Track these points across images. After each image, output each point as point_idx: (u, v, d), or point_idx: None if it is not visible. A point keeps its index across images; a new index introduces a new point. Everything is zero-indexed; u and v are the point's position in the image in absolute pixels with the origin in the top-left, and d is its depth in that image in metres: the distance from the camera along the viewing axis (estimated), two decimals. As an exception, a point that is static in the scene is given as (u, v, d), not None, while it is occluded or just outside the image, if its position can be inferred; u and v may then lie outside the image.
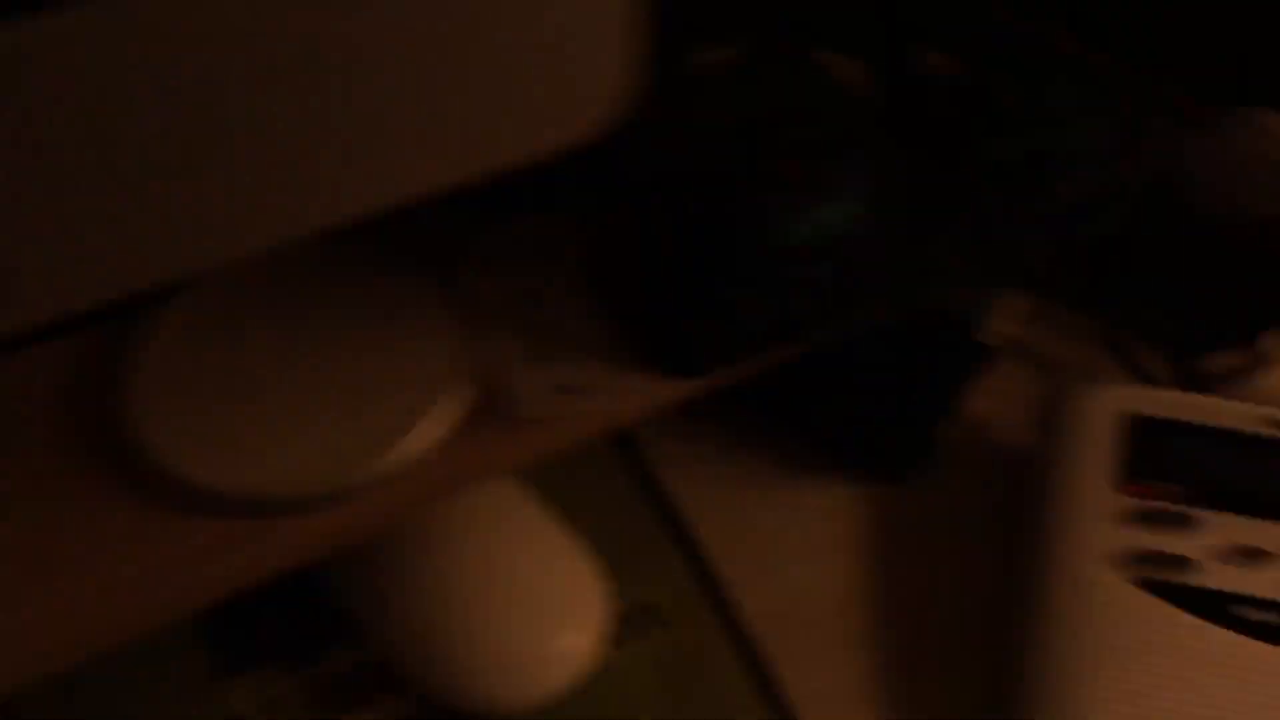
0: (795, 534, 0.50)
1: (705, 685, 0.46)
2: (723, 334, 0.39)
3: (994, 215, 0.41)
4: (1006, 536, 0.49)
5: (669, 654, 0.46)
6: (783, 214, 0.36)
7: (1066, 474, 0.46)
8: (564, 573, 0.45)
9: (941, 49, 0.43)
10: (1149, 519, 0.44)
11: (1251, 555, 0.43)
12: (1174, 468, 0.46)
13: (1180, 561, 0.43)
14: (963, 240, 0.40)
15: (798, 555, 0.50)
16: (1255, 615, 0.42)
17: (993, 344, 0.47)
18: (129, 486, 0.39)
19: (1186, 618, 0.42)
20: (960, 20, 0.45)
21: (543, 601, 0.44)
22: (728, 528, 0.50)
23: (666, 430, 0.53)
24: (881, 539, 0.50)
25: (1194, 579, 0.43)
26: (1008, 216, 0.41)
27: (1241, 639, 0.42)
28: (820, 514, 0.51)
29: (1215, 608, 0.42)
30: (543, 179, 0.39)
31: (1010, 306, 0.57)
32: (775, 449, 0.53)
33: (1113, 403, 0.47)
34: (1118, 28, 0.51)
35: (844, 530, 0.50)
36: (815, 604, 0.48)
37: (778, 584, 0.49)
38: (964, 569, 0.49)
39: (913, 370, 0.47)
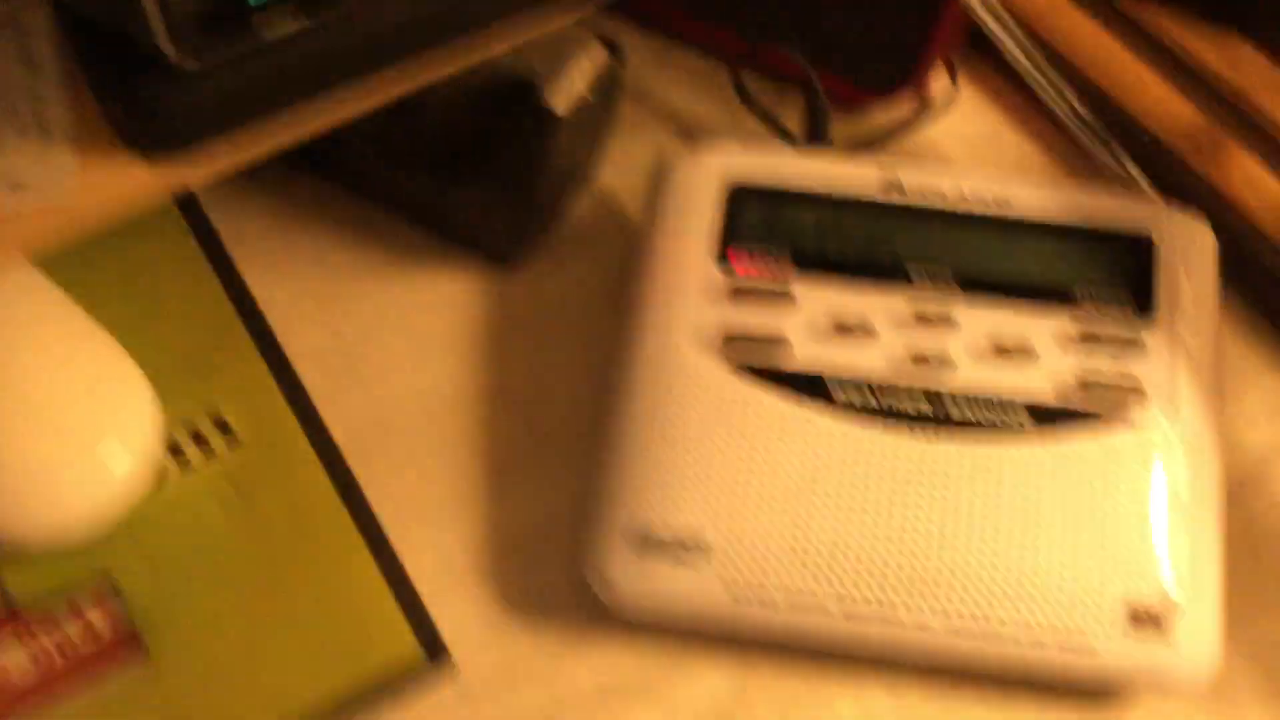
0: (398, 334, 0.45)
1: (283, 509, 0.41)
2: (197, 100, 0.33)
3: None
4: (617, 322, 0.45)
5: (242, 475, 0.41)
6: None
7: (662, 249, 0.41)
8: (101, 380, 0.39)
9: None
10: (748, 295, 0.40)
11: (850, 330, 0.39)
12: (778, 238, 0.41)
13: (778, 341, 0.39)
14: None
15: (399, 358, 0.44)
16: (852, 397, 0.39)
17: (574, 103, 0.41)
18: None
19: (781, 402, 0.38)
20: None
21: (74, 415, 0.38)
22: (317, 327, 0.44)
23: (246, 211, 0.46)
24: (495, 332, 0.45)
25: (791, 360, 0.39)
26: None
27: (837, 422, 0.38)
28: (427, 308, 0.46)
29: (811, 389, 0.39)
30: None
31: (636, 53, 0.51)
32: (378, 237, 0.47)
33: (715, 168, 0.42)
34: None
35: (453, 326, 0.45)
36: (414, 411, 0.43)
37: (373, 392, 0.44)
38: (578, 360, 0.45)
39: (487, 140, 0.41)
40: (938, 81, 0.51)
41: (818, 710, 0.39)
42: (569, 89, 0.39)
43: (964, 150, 0.50)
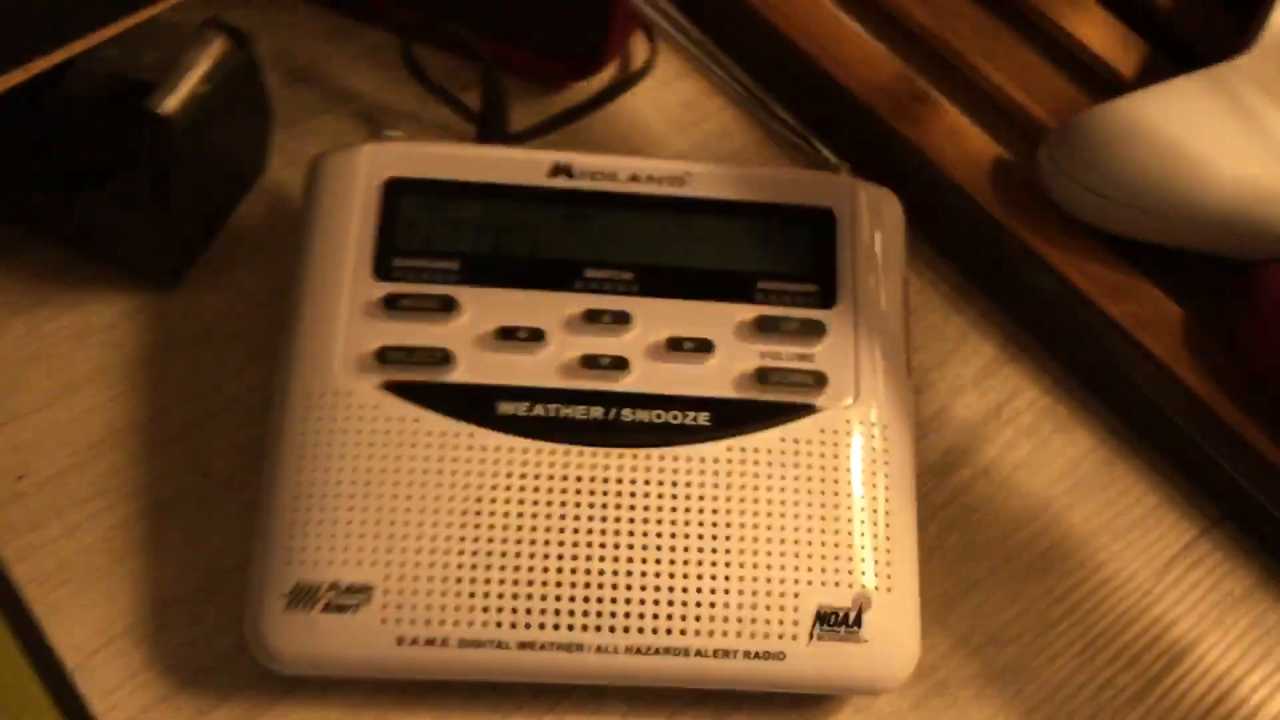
0: (37, 368, 0.40)
1: None
2: None
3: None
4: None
5: None
6: None
7: (312, 258, 0.37)
8: None
9: None
10: (406, 306, 0.36)
11: (518, 336, 0.36)
12: (441, 238, 0.37)
13: (439, 354, 0.36)
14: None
15: (40, 395, 0.39)
16: (517, 409, 0.36)
17: (188, 102, 0.36)
18: None
19: (441, 421, 0.35)
20: None
21: None
22: None
23: None
24: (151, 358, 0.40)
25: (453, 374, 0.36)
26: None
27: (502, 437, 0.35)
28: (71, 337, 0.41)
29: (477, 405, 0.35)
30: None
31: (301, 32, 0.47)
32: (9, 262, 0.41)
33: (370, 164, 0.38)
34: None
35: (102, 354, 0.40)
36: (59, 455, 0.38)
37: (11, 438, 0.38)
38: (247, 381, 0.40)
39: (108, 149, 0.36)
40: (640, 53, 0.49)
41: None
42: (180, 87, 0.35)
43: (664, 120, 0.48)
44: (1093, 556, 0.40)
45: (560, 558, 0.34)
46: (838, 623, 0.34)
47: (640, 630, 0.34)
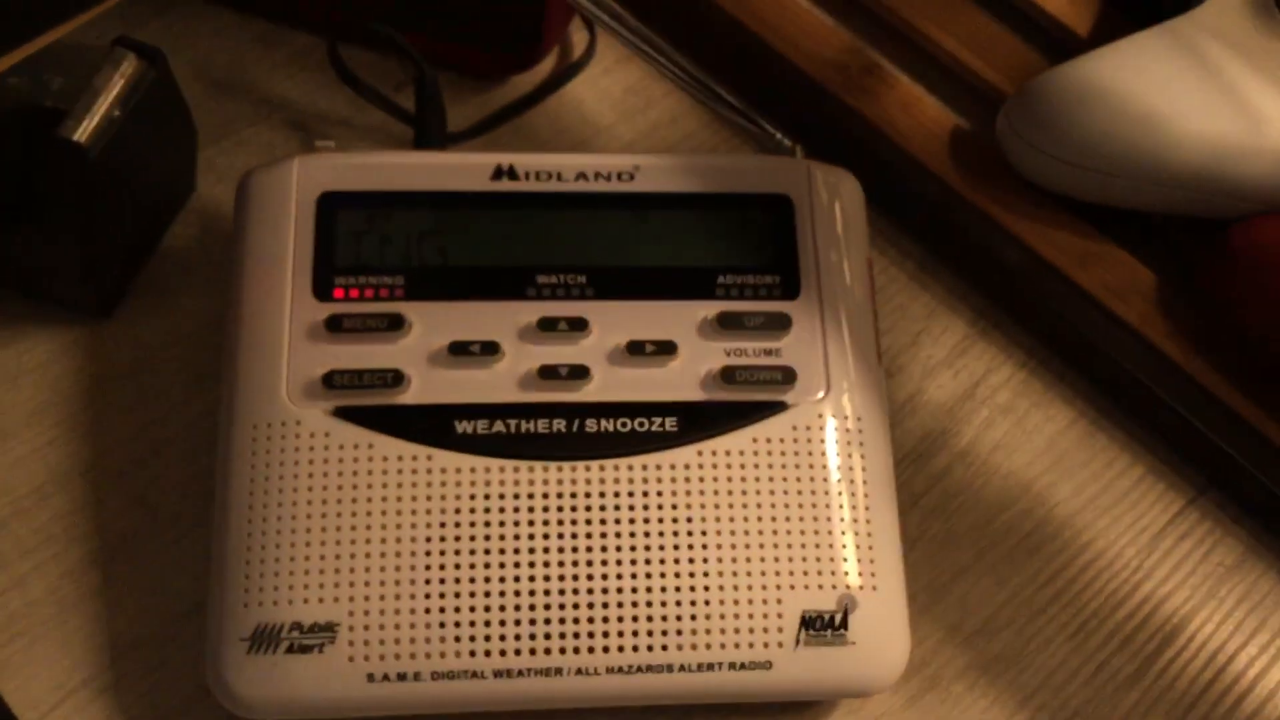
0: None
1: None
2: None
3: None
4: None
5: None
6: None
7: (247, 280, 0.35)
8: None
9: None
10: (351, 326, 0.34)
11: (468, 350, 0.34)
12: (383, 252, 0.36)
13: (389, 375, 0.34)
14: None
15: (-26, 443, 0.38)
16: (476, 426, 0.34)
17: (101, 127, 0.34)
18: None
19: (396, 445, 0.33)
20: None
21: None
22: None
23: None
24: (90, 393, 0.38)
25: (406, 395, 0.34)
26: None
27: (461, 457, 0.34)
28: (6, 380, 0.38)
29: (433, 426, 0.34)
30: None
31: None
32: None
33: (300, 178, 0.36)
34: None
35: (37, 393, 0.38)
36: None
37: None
38: (192, 410, 0.38)
39: (22, 179, 0.34)
40: (579, 41, 0.47)
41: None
42: (91, 112, 0.33)
43: (610, 109, 0.46)
44: (1079, 535, 0.39)
45: (532, 579, 0.33)
46: (823, 626, 0.33)
47: (620, 649, 0.32)
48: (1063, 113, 0.40)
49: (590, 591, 0.33)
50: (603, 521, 0.33)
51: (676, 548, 0.33)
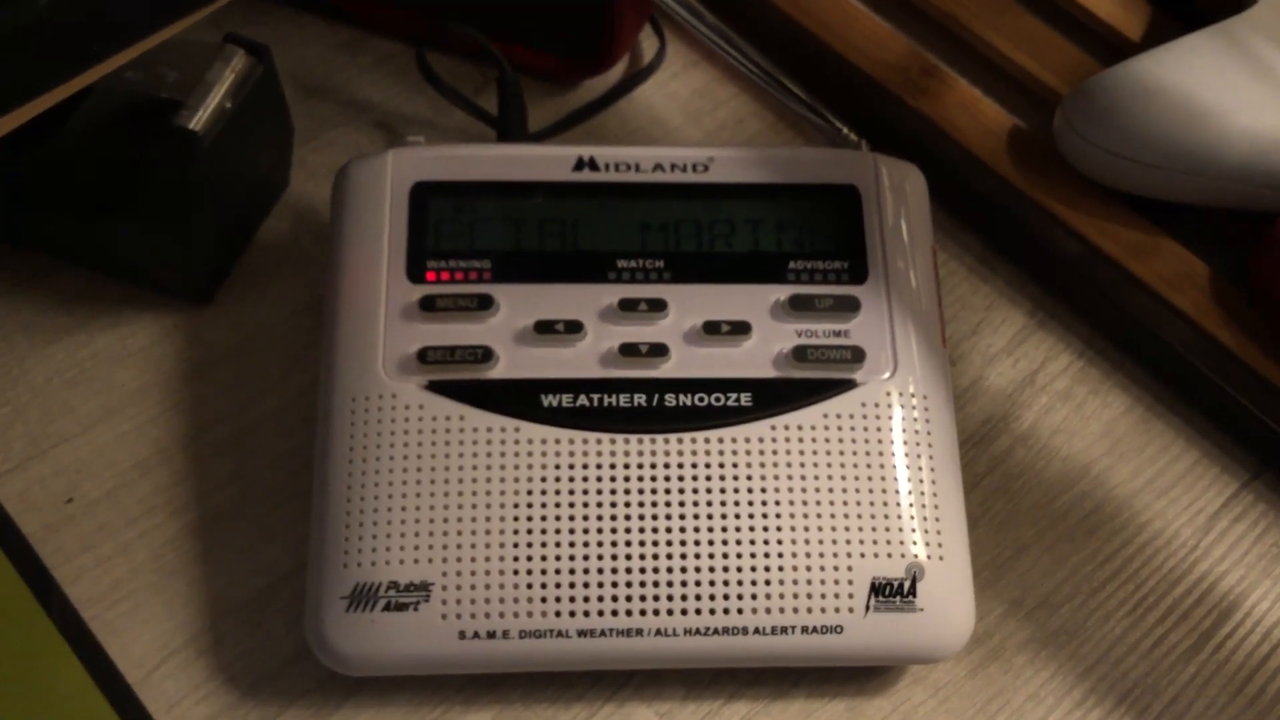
0: (79, 393, 0.40)
1: None
2: None
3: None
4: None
5: None
6: None
7: (345, 265, 0.38)
8: None
9: None
10: (443, 307, 0.37)
11: (553, 329, 0.36)
12: (471, 239, 0.38)
13: (480, 352, 0.36)
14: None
15: (84, 420, 0.40)
16: (561, 400, 0.36)
17: (214, 118, 0.37)
18: None
19: (487, 418, 0.35)
20: None
21: None
22: None
23: None
24: (190, 375, 0.41)
25: (495, 370, 0.36)
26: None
27: (548, 429, 0.35)
28: (110, 359, 0.41)
29: (520, 400, 0.36)
30: None
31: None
32: (44, 289, 0.42)
33: (395, 169, 0.38)
34: None
35: (142, 374, 0.41)
36: (106, 477, 0.39)
37: (58, 463, 0.39)
38: (287, 391, 0.41)
39: (132, 170, 0.36)
40: (649, 46, 0.49)
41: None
42: (205, 104, 0.36)
43: (678, 111, 0.48)
44: (1136, 516, 0.40)
45: (614, 544, 0.34)
46: (892, 593, 0.35)
47: (698, 612, 0.34)
48: (1119, 110, 0.42)
49: (669, 557, 0.34)
50: (680, 491, 0.35)
51: (751, 516, 0.35)
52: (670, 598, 0.34)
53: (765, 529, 0.35)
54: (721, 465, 0.35)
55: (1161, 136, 0.42)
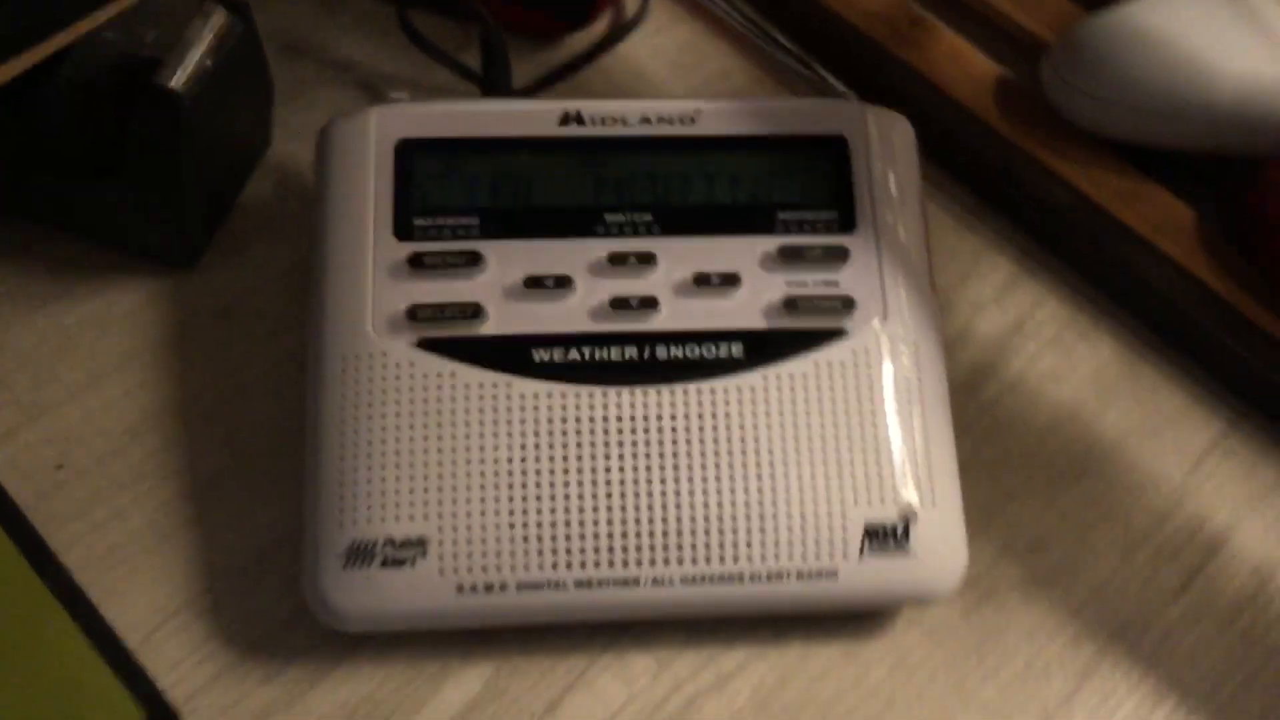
0: (65, 359, 0.40)
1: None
2: None
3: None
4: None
5: None
6: None
7: (330, 224, 0.37)
8: None
9: None
10: (431, 264, 0.36)
11: (542, 284, 0.36)
12: (459, 195, 0.38)
13: (468, 308, 0.36)
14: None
15: (73, 387, 0.40)
16: (553, 355, 0.36)
17: (195, 76, 0.36)
18: None
19: (477, 374, 0.35)
20: None
21: None
22: None
23: None
24: (176, 339, 0.41)
25: (485, 326, 0.36)
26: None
27: (539, 384, 0.35)
28: (94, 325, 0.41)
29: (508, 354, 0.36)
30: None
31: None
32: (25, 256, 0.42)
33: (378, 127, 0.38)
34: None
35: (127, 339, 0.40)
36: (96, 443, 0.39)
37: (47, 430, 0.39)
38: (275, 353, 0.40)
39: (114, 130, 0.36)
40: (632, 2, 0.49)
41: (580, 691, 0.36)
42: (186, 62, 0.35)
43: (663, 65, 0.48)
44: (1125, 458, 0.41)
45: (609, 495, 0.35)
46: (885, 537, 0.35)
47: (693, 560, 0.34)
48: (1106, 56, 0.42)
49: (664, 507, 0.35)
50: (674, 442, 0.35)
51: (744, 465, 0.35)
52: (666, 547, 0.34)
53: (759, 477, 0.35)
54: (714, 416, 0.35)
55: (1147, 81, 0.42)
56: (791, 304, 0.37)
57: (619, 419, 0.35)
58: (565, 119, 0.39)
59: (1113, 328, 0.43)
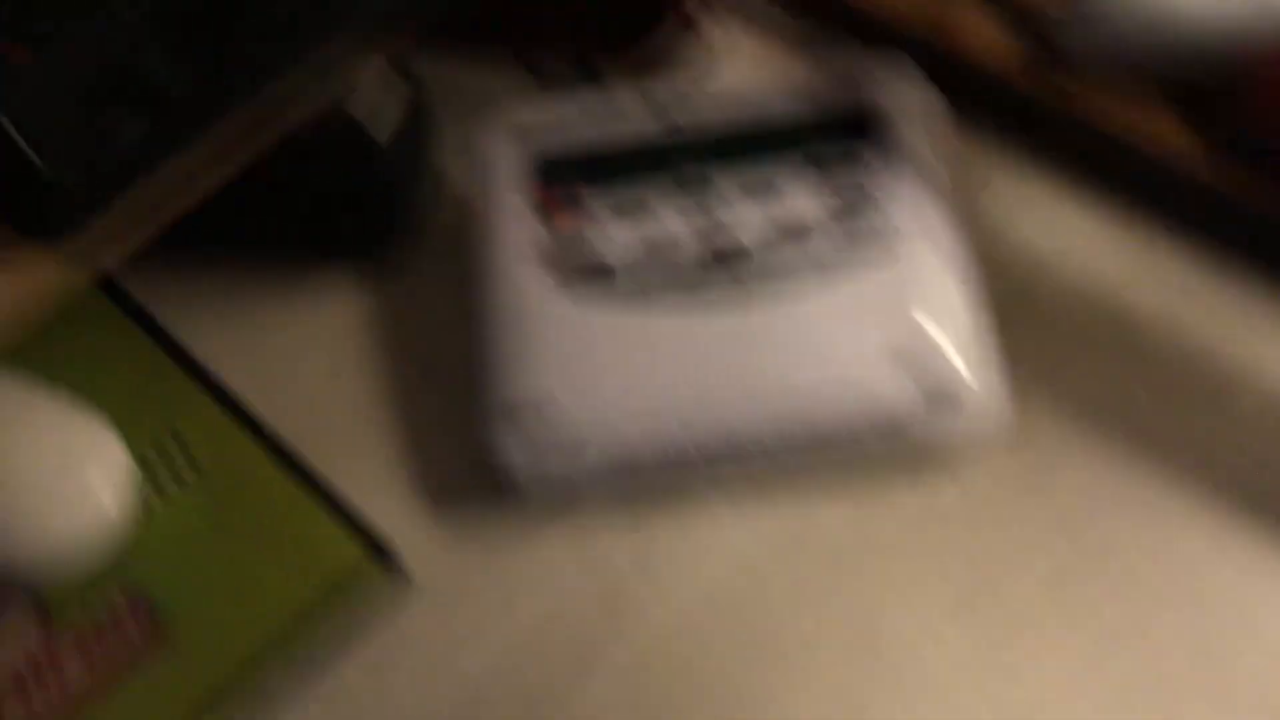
0: (303, 343, 0.53)
1: (261, 515, 0.49)
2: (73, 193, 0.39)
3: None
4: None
5: (211, 496, 0.49)
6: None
7: (489, 219, 0.50)
8: (68, 437, 0.47)
9: None
10: (573, 243, 0.48)
11: (659, 245, 0.48)
12: (586, 181, 0.50)
13: (608, 272, 0.48)
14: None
15: (312, 364, 0.53)
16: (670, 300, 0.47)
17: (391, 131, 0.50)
18: None
19: (604, 295, 0.47)
20: None
21: (50, 472, 0.46)
22: (239, 355, 0.52)
23: (152, 271, 0.52)
24: (387, 325, 0.53)
25: (614, 279, 0.48)
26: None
27: (667, 320, 0.46)
28: (320, 314, 0.53)
29: (642, 301, 0.47)
30: None
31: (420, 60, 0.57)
32: (264, 265, 0.55)
33: (511, 128, 0.51)
34: None
35: (348, 324, 0.53)
36: (338, 404, 0.52)
37: (301, 398, 0.52)
38: (456, 318, 0.52)
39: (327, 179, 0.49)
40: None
41: (709, 530, 0.47)
42: (386, 121, 0.49)
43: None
44: (1164, 325, 0.48)
45: (713, 388, 0.46)
46: (931, 391, 0.44)
47: (789, 435, 0.45)
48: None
49: (769, 388, 0.45)
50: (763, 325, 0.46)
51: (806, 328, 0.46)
52: (768, 420, 0.45)
53: (819, 333, 0.46)
54: (791, 329, 0.46)
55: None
56: (851, 236, 0.47)
57: (724, 334, 0.46)
58: (654, 110, 0.51)
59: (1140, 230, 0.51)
